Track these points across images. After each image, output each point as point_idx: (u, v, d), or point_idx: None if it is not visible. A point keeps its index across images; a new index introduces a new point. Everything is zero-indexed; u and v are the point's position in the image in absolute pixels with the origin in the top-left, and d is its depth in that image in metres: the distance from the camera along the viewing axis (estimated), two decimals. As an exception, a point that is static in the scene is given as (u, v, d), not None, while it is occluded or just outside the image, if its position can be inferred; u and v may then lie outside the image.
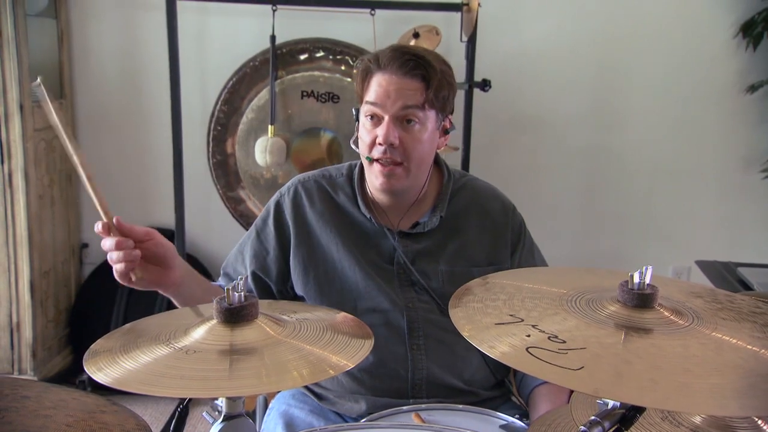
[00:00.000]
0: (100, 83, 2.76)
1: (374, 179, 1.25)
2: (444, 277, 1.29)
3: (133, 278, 1.07)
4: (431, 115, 1.23)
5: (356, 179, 1.33)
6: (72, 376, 2.59)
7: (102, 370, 0.75)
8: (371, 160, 1.23)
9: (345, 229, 1.31)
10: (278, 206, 1.34)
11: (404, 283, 1.29)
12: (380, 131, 1.20)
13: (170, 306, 2.91)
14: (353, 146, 1.31)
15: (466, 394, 1.28)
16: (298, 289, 1.32)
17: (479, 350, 0.72)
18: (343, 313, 0.94)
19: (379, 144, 1.21)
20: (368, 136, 1.23)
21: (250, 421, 0.81)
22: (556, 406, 1.18)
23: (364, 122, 1.24)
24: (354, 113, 1.30)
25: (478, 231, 1.33)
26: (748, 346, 0.72)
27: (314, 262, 1.31)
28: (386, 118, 1.20)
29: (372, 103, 1.22)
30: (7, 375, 2.49)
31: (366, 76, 1.24)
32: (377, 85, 1.21)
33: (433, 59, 1.22)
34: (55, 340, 2.67)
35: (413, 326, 1.27)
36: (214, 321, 0.82)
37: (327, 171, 1.38)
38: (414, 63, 1.19)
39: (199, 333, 0.81)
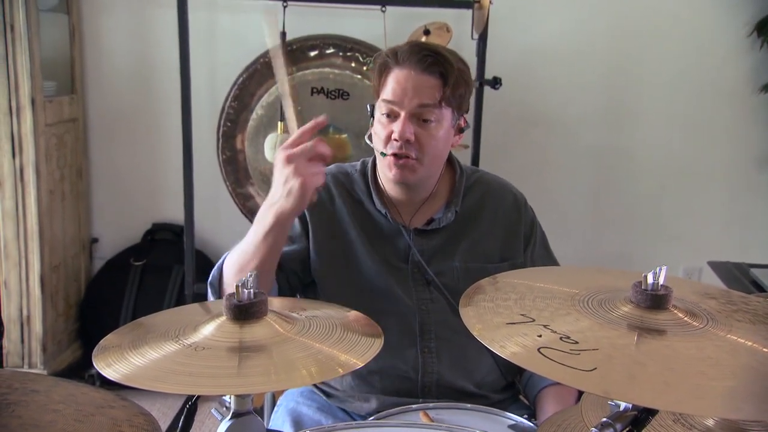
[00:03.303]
0: (111, 79, 2.77)
1: (387, 171, 1.24)
2: (458, 274, 1.28)
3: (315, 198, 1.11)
4: (447, 113, 1.22)
5: (369, 175, 1.33)
6: (81, 370, 2.61)
7: (111, 365, 0.75)
8: (386, 155, 1.22)
9: (362, 226, 1.30)
10: None
11: (418, 282, 1.28)
12: (396, 127, 1.19)
13: (179, 301, 2.91)
14: (368, 141, 1.30)
15: (477, 398, 1.27)
16: (317, 285, 1.30)
17: (491, 352, 0.71)
18: (354, 312, 0.93)
19: (395, 140, 1.20)
20: (384, 131, 1.22)
21: (259, 418, 0.81)
22: (563, 408, 1.17)
23: (380, 118, 1.23)
24: (369, 109, 1.29)
25: (491, 226, 1.32)
26: (764, 349, 0.71)
27: (332, 259, 1.29)
28: (402, 114, 1.19)
29: (389, 101, 1.21)
30: (17, 368, 2.50)
31: (383, 71, 1.23)
32: (394, 81, 1.20)
33: (451, 56, 1.22)
34: (64, 334, 2.69)
35: (425, 329, 1.27)
36: (223, 318, 0.81)
37: (341, 166, 1.37)
38: (432, 59, 1.19)
39: (208, 330, 0.80)
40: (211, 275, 1.22)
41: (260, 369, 0.73)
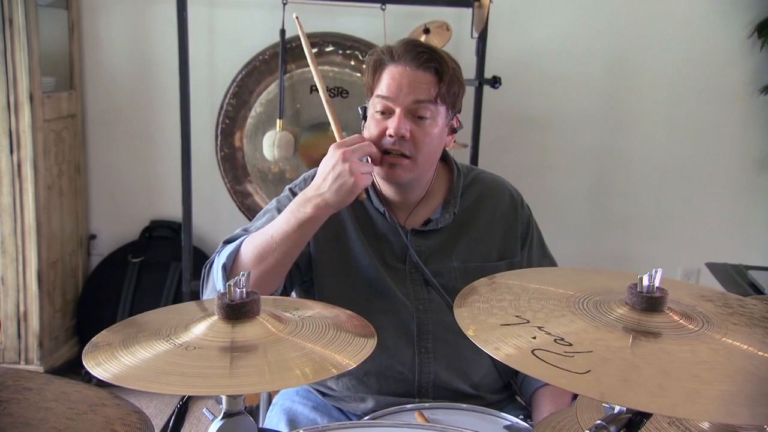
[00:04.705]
0: (110, 75, 2.77)
1: (379, 170, 1.23)
2: (457, 274, 1.27)
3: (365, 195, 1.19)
4: (442, 111, 1.22)
5: None
6: (78, 366, 2.60)
7: (101, 365, 0.74)
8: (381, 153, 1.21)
9: (360, 224, 1.29)
10: (295, 196, 1.31)
11: (416, 282, 1.28)
12: (391, 123, 1.19)
13: (177, 298, 2.89)
14: None
15: (473, 399, 1.26)
16: (315, 283, 1.29)
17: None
18: (348, 312, 0.93)
19: (390, 136, 1.19)
20: (377, 127, 1.21)
21: (250, 418, 0.80)
22: (559, 408, 1.17)
23: (374, 115, 1.22)
24: (360, 111, 1.28)
25: (488, 225, 1.32)
26: (760, 353, 0.70)
27: (331, 257, 1.28)
28: (398, 110, 1.18)
29: (384, 97, 1.20)
30: (13, 364, 2.50)
31: (377, 68, 1.22)
32: (390, 77, 1.20)
33: (444, 54, 1.22)
34: (61, 330, 2.68)
35: (422, 329, 1.26)
36: (215, 317, 0.81)
37: None
38: (428, 56, 1.18)
39: (199, 329, 0.80)
40: (224, 258, 1.20)
41: (252, 369, 0.72)
